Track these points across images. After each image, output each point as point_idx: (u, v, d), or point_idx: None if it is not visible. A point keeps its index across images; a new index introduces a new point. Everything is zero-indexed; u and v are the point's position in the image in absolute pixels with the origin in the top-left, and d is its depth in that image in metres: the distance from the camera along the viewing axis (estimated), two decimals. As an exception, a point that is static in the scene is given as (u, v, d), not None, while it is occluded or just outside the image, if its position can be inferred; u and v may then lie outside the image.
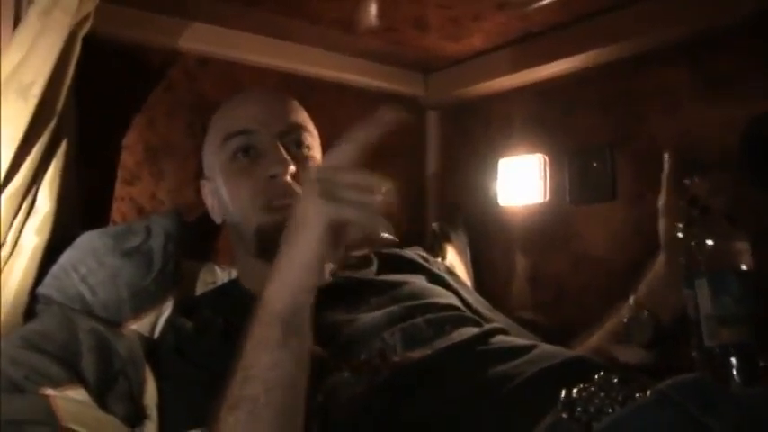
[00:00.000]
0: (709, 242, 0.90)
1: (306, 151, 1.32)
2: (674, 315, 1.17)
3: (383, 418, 0.98)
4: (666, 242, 1.20)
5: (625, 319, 1.24)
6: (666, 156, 1.22)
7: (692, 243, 0.91)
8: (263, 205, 1.26)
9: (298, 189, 1.24)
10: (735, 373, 0.86)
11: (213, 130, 1.38)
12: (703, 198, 0.95)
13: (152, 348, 1.25)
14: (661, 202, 1.21)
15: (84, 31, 1.23)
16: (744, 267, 0.88)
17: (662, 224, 1.20)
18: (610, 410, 0.82)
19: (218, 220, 1.39)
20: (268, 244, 1.24)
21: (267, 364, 0.87)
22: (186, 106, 1.69)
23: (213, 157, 1.35)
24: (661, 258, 1.23)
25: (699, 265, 0.89)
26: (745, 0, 1.41)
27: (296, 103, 1.39)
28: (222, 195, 1.33)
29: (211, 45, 1.74)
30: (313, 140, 1.36)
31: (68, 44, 1.19)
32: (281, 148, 1.27)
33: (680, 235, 0.95)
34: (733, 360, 0.86)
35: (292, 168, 1.25)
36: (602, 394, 0.85)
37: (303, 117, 1.37)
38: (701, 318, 0.88)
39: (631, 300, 1.26)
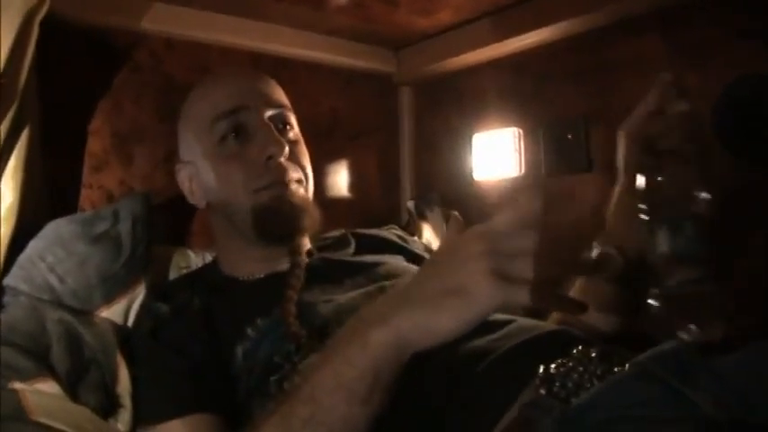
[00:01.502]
0: (668, 185, 0.89)
1: (291, 132, 1.31)
2: (638, 252, 1.13)
3: None
4: (625, 166, 1.12)
5: (593, 255, 1.21)
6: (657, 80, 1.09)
7: (655, 186, 0.91)
8: (257, 188, 1.24)
9: (292, 169, 1.25)
10: (689, 310, 0.85)
11: (193, 112, 1.33)
12: (657, 138, 0.92)
13: (125, 335, 1.23)
14: (626, 125, 1.10)
15: (42, 14, 1.20)
16: (701, 213, 0.87)
17: (622, 148, 1.11)
18: (588, 386, 0.81)
19: (200, 204, 1.35)
20: (265, 224, 1.24)
21: (341, 416, 0.80)
22: (154, 89, 1.66)
23: (196, 141, 1.31)
24: (618, 189, 1.16)
25: (662, 208, 0.89)
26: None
27: (275, 83, 1.37)
28: (208, 179, 1.29)
29: (178, 26, 1.70)
30: (295, 121, 1.34)
31: (24, 28, 1.17)
32: (273, 128, 1.25)
33: (637, 180, 0.94)
34: (688, 300, 0.85)
35: (287, 150, 1.24)
36: (581, 369, 0.83)
37: (285, 97, 1.35)
38: (657, 258, 0.87)
39: (594, 244, 1.23)
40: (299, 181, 1.27)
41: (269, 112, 1.27)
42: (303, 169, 1.30)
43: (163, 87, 1.66)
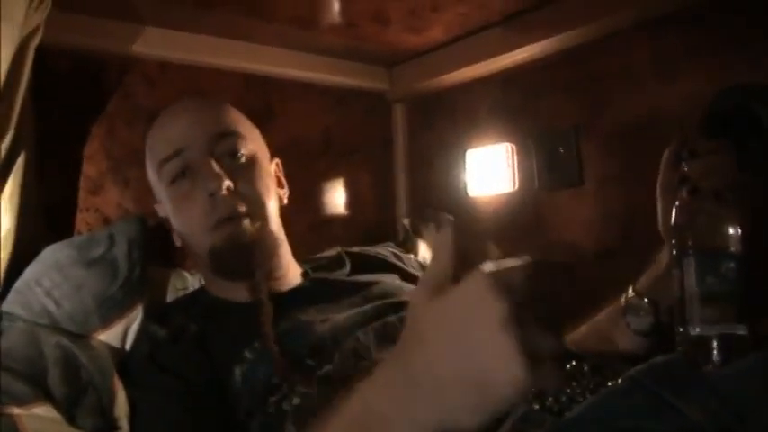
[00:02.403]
0: (699, 222, 0.90)
1: (242, 159, 1.28)
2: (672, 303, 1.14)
3: None
4: (665, 228, 1.13)
5: (623, 304, 1.23)
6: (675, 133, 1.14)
7: (685, 223, 0.91)
8: (210, 226, 1.23)
9: (237, 203, 1.23)
10: (715, 353, 0.86)
11: (149, 154, 1.33)
12: (694, 179, 0.94)
13: (122, 359, 1.23)
14: (659, 186, 1.13)
15: (36, 41, 1.21)
16: (732, 250, 0.88)
17: (660, 210, 1.13)
18: (581, 399, 0.82)
19: (177, 243, 1.36)
20: (222, 262, 1.26)
21: None
22: (148, 113, 1.66)
23: (156, 183, 1.32)
24: (665, 248, 1.17)
25: (687, 244, 0.89)
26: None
27: (225, 108, 1.35)
28: (172, 219, 1.32)
29: (169, 50, 1.72)
30: (249, 144, 1.31)
31: (19, 56, 1.17)
32: (213, 163, 1.23)
33: (672, 218, 0.95)
34: (714, 341, 0.85)
35: (227, 183, 1.21)
36: (574, 383, 0.84)
37: (235, 122, 1.32)
38: (686, 296, 0.87)
39: (630, 289, 1.25)
40: (247, 214, 1.24)
41: (212, 146, 1.26)
42: (254, 198, 1.26)
43: (157, 110, 1.66)
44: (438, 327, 0.66)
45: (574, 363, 0.90)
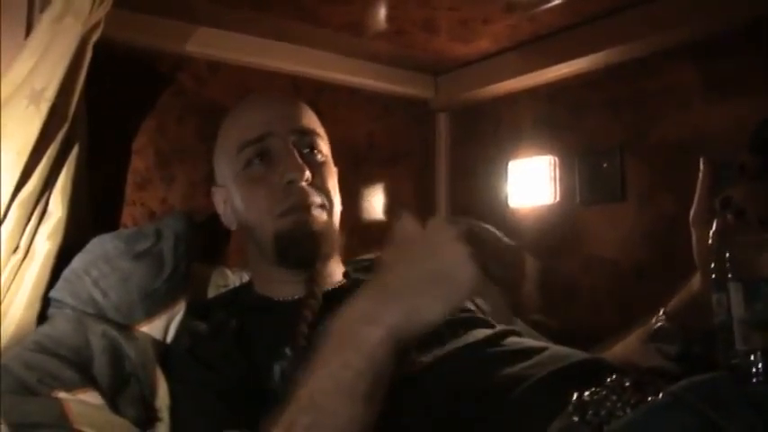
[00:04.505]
0: (744, 247, 0.89)
1: (318, 156, 1.32)
2: (704, 330, 1.14)
3: (395, 419, 0.98)
4: (700, 255, 1.13)
5: (653, 332, 1.23)
6: (701, 161, 1.13)
7: (725, 247, 0.90)
8: (280, 212, 1.25)
9: (313, 194, 1.25)
10: (760, 374, 0.85)
11: (225, 138, 1.36)
12: (739, 202, 0.92)
13: (164, 351, 1.25)
14: (693, 211, 1.13)
15: (95, 37, 1.24)
16: None
17: (695, 236, 1.13)
18: (621, 414, 0.82)
19: (232, 227, 1.38)
20: (286, 250, 1.26)
21: (345, 417, 0.80)
22: (196, 111, 1.70)
23: (226, 166, 1.34)
24: (698, 274, 1.17)
25: (733, 269, 0.88)
26: (745, 6, 1.42)
27: (307, 107, 1.38)
28: (237, 203, 1.33)
29: (221, 50, 1.75)
30: (324, 145, 1.35)
31: (80, 50, 1.20)
32: (296, 153, 1.26)
33: (710, 240, 0.94)
34: (761, 366, 0.85)
35: (308, 174, 1.24)
36: (614, 397, 0.84)
37: (314, 121, 1.36)
38: (735, 322, 0.86)
39: (662, 312, 1.24)
40: (321, 206, 1.27)
41: (294, 138, 1.29)
42: (327, 193, 1.29)
43: (205, 109, 1.70)
44: (399, 253, 0.88)
45: (614, 377, 0.89)
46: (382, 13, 1.72)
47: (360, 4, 1.65)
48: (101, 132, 1.43)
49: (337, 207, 1.33)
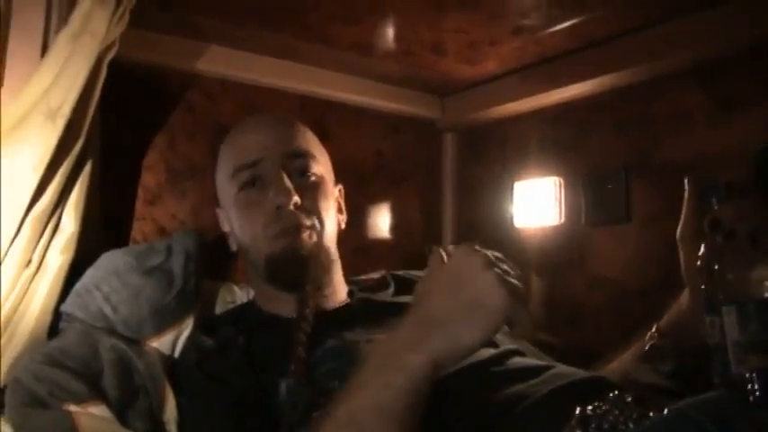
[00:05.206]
0: (735, 268, 0.89)
1: (311, 178, 1.33)
2: (696, 347, 1.15)
3: None
4: (688, 273, 1.16)
5: (647, 348, 1.24)
6: (686, 181, 1.18)
7: (716, 268, 0.90)
8: (272, 236, 1.27)
9: (302, 217, 1.27)
10: (759, 398, 0.85)
11: (222, 161, 1.39)
12: (728, 223, 0.92)
13: (172, 366, 1.26)
14: (680, 231, 1.17)
15: (111, 55, 1.26)
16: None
17: (683, 255, 1.17)
18: (624, 428, 0.82)
19: (233, 248, 1.40)
20: (276, 272, 1.29)
21: None
22: (207, 128, 1.72)
23: (224, 189, 1.37)
24: (686, 291, 1.20)
25: (725, 291, 0.88)
26: (748, 29, 1.44)
27: (301, 129, 1.39)
28: (234, 225, 1.36)
29: (231, 68, 1.77)
30: (319, 166, 1.36)
31: (95, 68, 1.22)
32: (285, 178, 1.27)
33: (698, 262, 0.94)
34: (757, 386, 0.85)
35: (296, 199, 1.26)
36: (617, 412, 0.85)
37: (309, 142, 1.37)
38: (729, 344, 0.86)
39: (654, 328, 1.25)
40: (311, 227, 1.29)
41: (286, 161, 1.30)
42: (317, 215, 1.30)
43: (216, 127, 1.72)
44: (435, 283, 0.95)
45: (616, 392, 0.90)
46: (391, 33, 1.74)
47: (369, 25, 1.67)
48: (112, 148, 1.45)
49: (330, 227, 1.34)
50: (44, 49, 1.23)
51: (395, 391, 0.85)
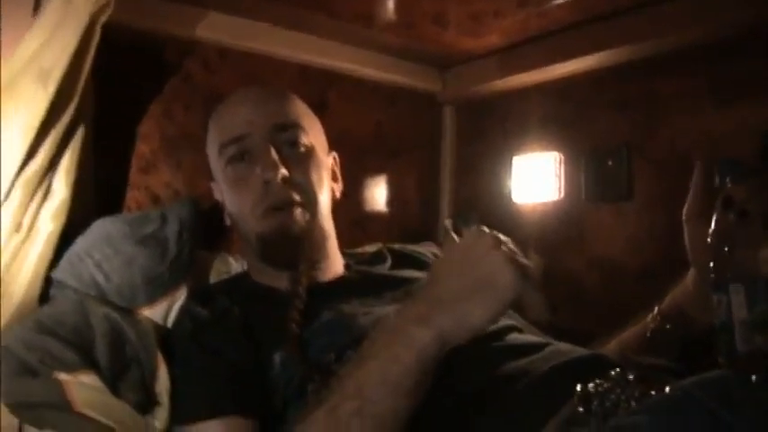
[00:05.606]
0: (745, 247, 0.88)
1: (301, 149, 1.30)
2: (700, 330, 1.14)
3: None
4: (694, 254, 1.14)
5: (649, 332, 1.22)
6: (697, 163, 1.14)
7: (726, 247, 0.89)
8: (261, 213, 1.26)
9: (292, 193, 1.25)
10: (763, 378, 0.84)
11: (210, 136, 1.37)
12: (740, 201, 0.90)
13: (165, 336, 1.25)
14: (687, 210, 1.15)
15: (104, 18, 1.23)
16: None
17: (688, 235, 1.14)
18: (626, 406, 0.82)
19: (227, 222, 1.39)
20: (268, 252, 1.28)
21: (388, 408, 0.87)
22: (204, 97, 1.69)
23: (214, 164, 1.35)
24: (691, 272, 1.18)
25: (733, 269, 0.88)
26: (758, 9, 1.41)
27: (290, 99, 1.37)
28: (226, 200, 1.34)
29: (230, 36, 1.73)
30: (309, 137, 1.33)
31: (88, 31, 1.20)
32: (273, 151, 1.25)
33: (708, 240, 0.93)
34: (763, 366, 0.84)
35: (284, 172, 1.24)
36: (618, 390, 0.85)
37: (297, 113, 1.35)
38: (735, 323, 0.86)
39: (656, 311, 1.23)
40: (301, 204, 1.26)
41: (274, 134, 1.28)
42: (308, 188, 1.28)
43: (213, 95, 1.68)
44: (445, 264, 0.97)
45: (618, 370, 0.90)
46: (393, 4, 1.71)
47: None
48: (107, 115, 1.42)
49: (323, 200, 1.32)
50: (35, 9, 1.20)
51: (402, 366, 0.87)
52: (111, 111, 1.46)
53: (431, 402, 0.93)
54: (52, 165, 1.22)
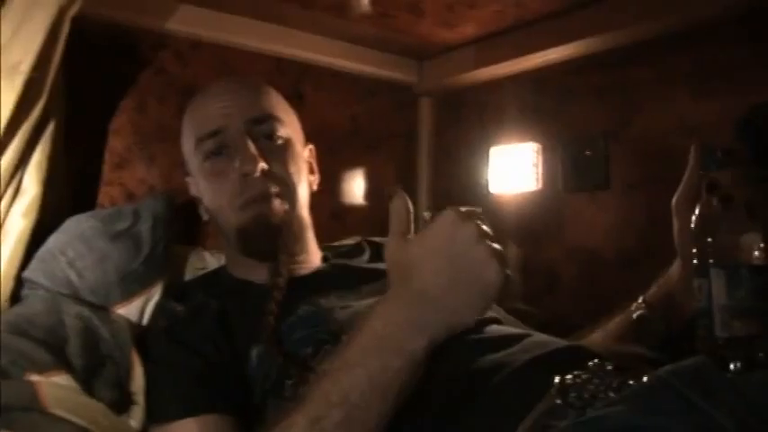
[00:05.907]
0: (728, 233, 0.88)
1: (278, 142, 1.29)
2: (684, 319, 1.14)
3: None
4: (681, 241, 1.12)
5: (635, 318, 1.22)
6: (692, 147, 1.11)
7: (709, 232, 0.90)
8: (240, 205, 1.24)
9: (270, 184, 1.24)
10: (740, 364, 0.85)
11: (185, 130, 1.34)
12: (724, 187, 0.91)
13: (140, 333, 1.23)
14: (677, 197, 1.12)
15: (74, 10, 1.21)
16: (762, 264, 0.87)
17: (677, 222, 1.12)
18: (604, 396, 0.82)
19: (204, 217, 1.37)
20: (248, 243, 1.26)
21: (376, 413, 0.85)
22: (178, 90, 1.67)
23: (190, 158, 1.33)
24: (677, 261, 1.17)
25: (715, 255, 0.88)
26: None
27: (265, 91, 1.35)
28: (204, 194, 1.32)
29: (203, 28, 1.72)
30: (286, 128, 1.31)
31: (57, 23, 1.18)
32: (250, 144, 1.23)
33: (692, 225, 0.93)
34: (741, 351, 0.85)
35: (263, 165, 1.22)
36: (597, 381, 0.85)
37: (273, 105, 1.33)
38: (714, 308, 0.86)
39: (641, 300, 1.23)
40: (279, 195, 1.25)
41: (250, 127, 1.26)
42: (286, 180, 1.27)
43: (187, 88, 1.66)
44: (424, 254, 0.90)
45: (596, 361, 0.89)
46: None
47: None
48: (78, 110, 1.40)
49: (302, 192, 1.31)
50: (2, 1, 1.18)
51: (392, 374, 0.85)
52: (83, 105, 1.44)
53: (410, 397, 0.92)
54: (22, 161, 1.20)
